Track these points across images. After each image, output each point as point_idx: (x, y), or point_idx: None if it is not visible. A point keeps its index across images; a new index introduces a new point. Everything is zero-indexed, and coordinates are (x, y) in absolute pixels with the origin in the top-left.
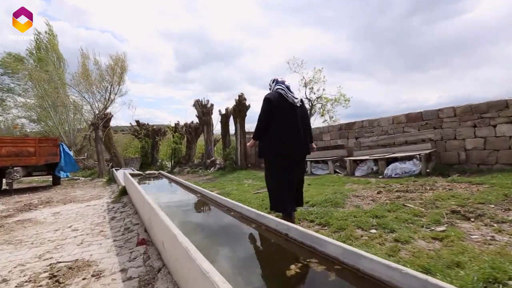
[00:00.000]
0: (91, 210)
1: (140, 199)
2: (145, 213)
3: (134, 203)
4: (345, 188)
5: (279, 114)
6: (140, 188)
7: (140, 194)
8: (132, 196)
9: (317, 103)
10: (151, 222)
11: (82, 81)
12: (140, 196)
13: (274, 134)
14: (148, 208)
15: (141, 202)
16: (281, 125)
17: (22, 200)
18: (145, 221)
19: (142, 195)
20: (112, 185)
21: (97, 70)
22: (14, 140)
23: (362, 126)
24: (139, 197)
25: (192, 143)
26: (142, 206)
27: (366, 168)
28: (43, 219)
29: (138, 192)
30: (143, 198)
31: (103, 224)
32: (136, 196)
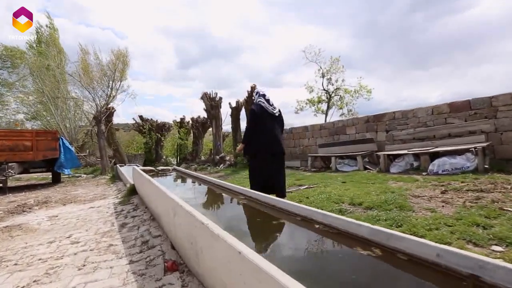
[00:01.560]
0: (95, 213)
1: (164, 202)
2: (177, 223)
3: (149, 206)
4: (392, 186)
5: (262, 122)
6: (163, 188)
7: (165, 196)
8: (147, 197)
9: (335, 95)
10: (193, 235)
11: (83, 76)
12: (166, 199)
13: (257, 137)
14: (186, 218)
15: (166, 207)
16: (263, 130)
17: (16, 200)
18: (172, 233)
19: (170, 199)
20: (117, 183)
21: (98, 66)
22: (9, 133)
23: (394, 117)
24: (162, 200)
25: (199, 138)
26: (169, 213)
27: (404, 163)
28: (37, 225)
29: (161, 194)
30: (174, 203)
31: (112, 233)
32: (156, 198)
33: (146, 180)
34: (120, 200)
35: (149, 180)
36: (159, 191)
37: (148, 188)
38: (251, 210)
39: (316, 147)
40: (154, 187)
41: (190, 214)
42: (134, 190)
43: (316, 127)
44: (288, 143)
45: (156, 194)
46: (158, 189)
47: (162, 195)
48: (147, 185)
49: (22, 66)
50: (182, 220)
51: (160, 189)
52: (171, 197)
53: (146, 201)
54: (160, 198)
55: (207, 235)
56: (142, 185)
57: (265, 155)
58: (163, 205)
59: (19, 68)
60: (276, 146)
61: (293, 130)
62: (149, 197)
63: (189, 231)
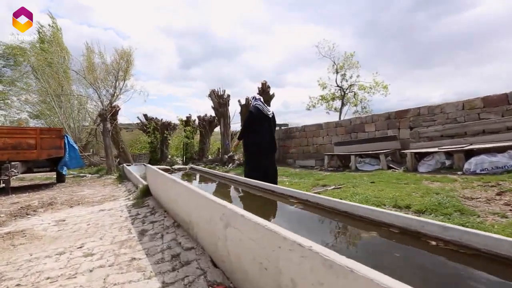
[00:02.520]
0: (108, 217)
1: (205, 208)
2: (230, 236)
3: (171, 211)
4: (432, 187)
5: (258, 122)
6: (201, 191)
7: (207, 201)
8: (169, 200)
9: (349, 91)
10: (270, 257)
11: (87, 75)
12: (209, 204)
13: (254, 136)
14: (255, 233)
15: (207, 215)
16: (259, 129)
17: (20, 201)
18: (218, 248)
19: (219, 205)
20: (125, 183)
21: (102, 64)
22: (11, 130)
23: (419, 114)
24: (201, 205)
25: (206, 137)
26: (215, 222)
27: (433, 162)
28: (42, 232)
29: (198, 197)
30: (227, 210)
31: (131, 243)
32: (186, 202)
33: (168, 180)
34: (133, 202)
35: (175, 180)
36: (195, 194)
37: (173, 189)
38: (323, 219)
39: (331, 146)
40: (186, 189)
41: (265, 228)
42: (148, 191)
43: (331, 125)
44: (301, 142)
45: (186, 197)
46: (192, 192)
47: (200, 199)
48: (171, 187)
49: (25, 64)
50: (244, 234)
51: (197, 192)
52: (219, 203)
53: (165, 205)
54: (195, 203)
55: (313, 263)
56: (162, 186)
57: (261, 150)
58: (200, 212)
59: (21, 66)
60: (270, 143)
61: (306, 128)
62: (171, 200)
63: (262, 251)
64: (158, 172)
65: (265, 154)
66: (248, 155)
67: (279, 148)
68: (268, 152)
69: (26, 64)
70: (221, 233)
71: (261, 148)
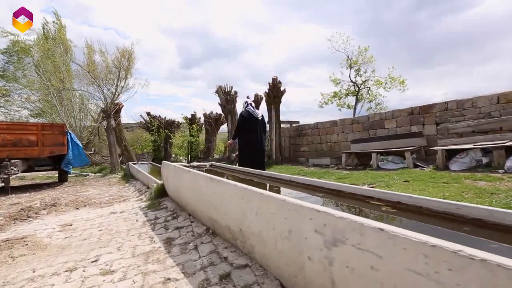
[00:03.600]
0: (121, 221)
1: (276, 210)
2: (321, 253)
3: (203, 215)
4: (481, 187)
5: (249, 124)
6: (262, 190)
7: (281, 203)
8: (201, 202)
9: (364, 87)
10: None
11: (88, 74)
12: (283, 206)
13: (246, 136)
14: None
15: (274, 222)
16: (250, 131)
17: (20, 202)
18: (287, 269)
19: (301, 207)
20: (132, 182)
21: (103, 63)
22: (11, 126)
23: (447, 108)
24: (266, 206)
25: (212, 135)
26: (291, 233)
27: (468, 160)
28: (47, 239)
29: (265, 200)
30: (319, 214)
31: (159, 255)
32: (237, 205)
33: (203, 179)
34: (148, 203)
35: (214, 179)
36: (258, 196)
37: (210, 190)
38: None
39: (347, 143)
40: (239, 189)
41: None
42: (164, 192)
43: (347, 122)
44: (313, 140)
45: (238, 200)
46: (255, 193)
47: (272, 202)
48: (209, 187)
49: (28, 61)
50: (383, 260)
51: (264, 194)
52: (318, 210)
53: (191, 207)
54: (255, 207)
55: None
56: (189, 185)
57: (253, 147)
58: (267, 219)
59: (24, 62)
60: (260, 142)
61: (319, 125)
62: (205, 203)
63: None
64: (183, 170)
65: (256, 151)
66: (242, 152)
67: (290, 146)
68: (258, 149)
69: (29, 60)
70: (317, 253)
71: (253, 146)
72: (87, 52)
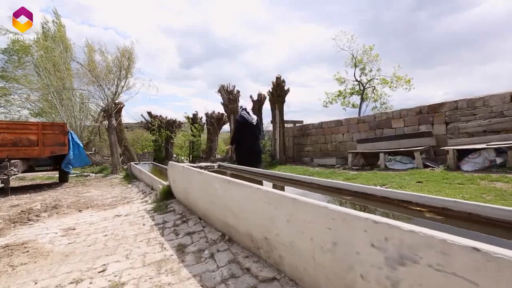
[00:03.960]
0: (127, 225)
1: (315, 218)
2: (385, 273)
3: (217, 220)
4: (501, 188)
5: (244, 129)
6: (293, 195)
7: (323, 210)
8: (215, 206)
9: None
10: None
11: (88, 73)
12: (327, 214)
13: (242, 139)
14: None
15: (311, 232)
16: (246, 134)
17: (20, 204)
18: (330, 286)
19: (354, 216)
20: (135, 183)
21: (103, 62)
22: (11, 125)
23: (456, 107)
24: (303, 214)
25: (214, 135)
26: (336, 245)
27: (481, 160)
28: (49, 245)
29: (299, 205)
30: (377, 225)
31: (172, 265)
32: (262, 210)
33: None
34: (153, 206)
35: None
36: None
37: (228, 193)
38: None
39: (353, 143)
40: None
41: None
42: (170, 193)
43: (352, 121)
44: (318, 139)
45: (263, 205)
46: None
47: (310, 209)
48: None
49: (28, 59)
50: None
51: (297, 199)
52: (375, 220)
53: (202, 211)
54: (284, 213)
55: None
56: (202, 187)
57: (249, 149)
58: (303, 228)
59: (24, 62)
60: (255, 145)
61: (324, 125)
62: (222, 207)
63: None
64: (194, 171)
65: (252, 152)
66: (239, 154)
67: (294, 146)
68: (254, 151)
69: (29, 58)
70: (375, 271)
71: (249, 148)
72: (87, 51)
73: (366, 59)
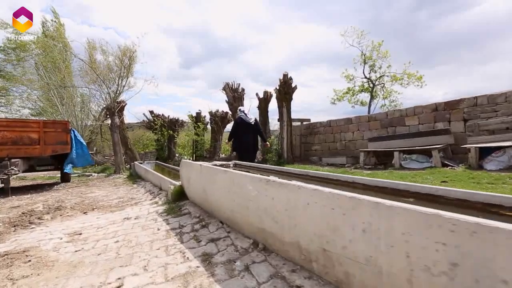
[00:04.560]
0: (139, 229)
1: (421, 228)
2: None
3: (247, 225)
4: None
5: (241, 129)
6: (377, 199)
7: (412, 214)
8: (243, 209)
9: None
10: None
11: (89, 71)
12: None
13: (240, 139)
14: None
15: (417, 252)
16: (243, 135)
17: (21, 205)
18: None
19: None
20: (140, 182)
21: (104, 61)
22: (11, 123)
23: (476, 104)
24: (397, 222)
25: (219, 134)
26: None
27: (506, 158)
28: (53, 253)
29: (391, 211)
30: None
31: (201, 279)
32: (320, 217)
33: (254, 181)
34: (165, 207)
35: (284, 184)
36: (388, 209)
37: (267, 195)
38: None
39: (363, 142)
40: (327, 195)
41: None
42: (183, 194)
43: (363, 119)
44: (326, 138)
45: (327, 210)
46: (372, 205)
47: (419, 219)
48: (265, 191)
49: (27, 58)
50: None
51: (404, 208)
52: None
53: (225, 214)
54: (361, 222)
55: None
56: (227, 187)
57: (246, 148)
58: (402, 245)
59: (23, 60)
60: (252, 144)
61: (332, 123)
62: (251, 210)
63: None
64: (217, 170)
65: (249, 151)
66: (237, 152)
67: (301, 145)
68: (251, 150)
69: (28, 57)
70: None
71: (246, 147)
72: (88, 50)
73: (375, 55)
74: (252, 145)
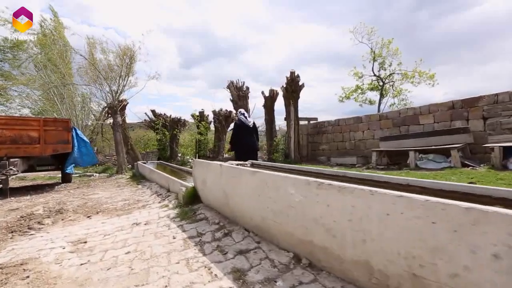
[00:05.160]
0: (151, 237)
1: None
2: None
3: (289, 235)
4: None
5: (242, 132)
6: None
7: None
8: (280, 218)
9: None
10: None
11: (89, 71)
12: None
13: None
14: None
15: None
16: (243, 136)
17: (20, 207)
18: None
19: None
20: (145, 183)
21: (104, 60)
22: (10, 121)
23: (496, 101)
24: None
25: (222, 133)
26: None
27: None
28: (55, 266)
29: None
30: None
31: None
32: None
33: (298, 184)
34: (177, 211)
35: (347, 187)
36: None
37: (319, 201)
38: None
39: (374, 141)
40: (454, 209)
41: None
42: (196, 197)
43: (373, 118)
44: (334, 137)
45: (425, 224)
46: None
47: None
48: (317, 196)
49: (26, 57)
50: None
51: None
52: None
53: (254, 221)
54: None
55: None
56: (255, 190)
57: (247, 150)
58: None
59: (21, 60)
60: (252, 145)
61: (341, 122)
62: (292, 218)
63: None
64: (243, 170)
65: (249, 152)
66: (237, 153)
67: (308, 144)
68: (251, 151)
69: (26, 56)
70: None
71: (247, 148)
72: (88, 49)
73: (385, 53)
74: (252, 146)
